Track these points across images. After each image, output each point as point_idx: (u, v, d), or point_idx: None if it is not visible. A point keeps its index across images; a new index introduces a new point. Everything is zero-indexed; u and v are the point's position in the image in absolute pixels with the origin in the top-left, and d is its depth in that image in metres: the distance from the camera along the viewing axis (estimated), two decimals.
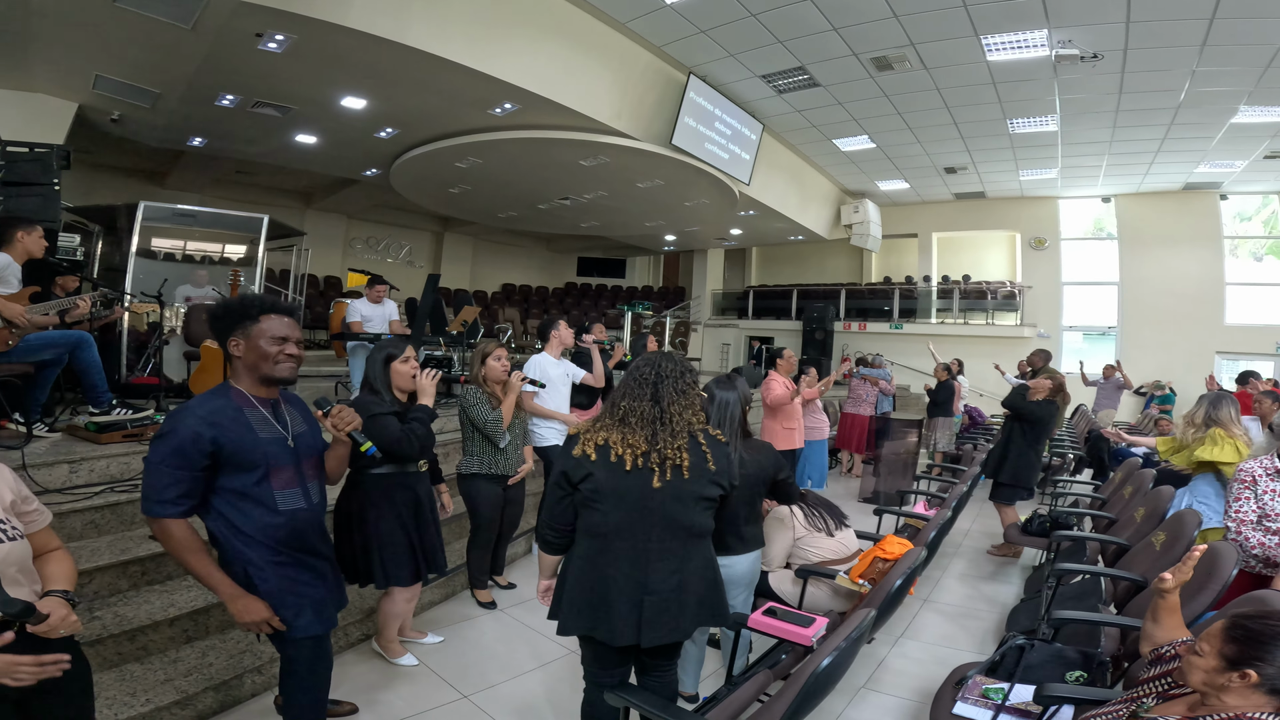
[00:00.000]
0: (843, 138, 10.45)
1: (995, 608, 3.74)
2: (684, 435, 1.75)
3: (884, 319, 14.18)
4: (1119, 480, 4.69)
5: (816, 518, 2.93)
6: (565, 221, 13.72)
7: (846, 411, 7.64)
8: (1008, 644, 2.17)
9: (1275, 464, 2.55)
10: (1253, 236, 12.12)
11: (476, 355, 3.25)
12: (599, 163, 9.15)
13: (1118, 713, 1.44)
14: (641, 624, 1.68)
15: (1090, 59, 7.01)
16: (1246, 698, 1.27)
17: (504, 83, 6.77)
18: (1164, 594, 1.71)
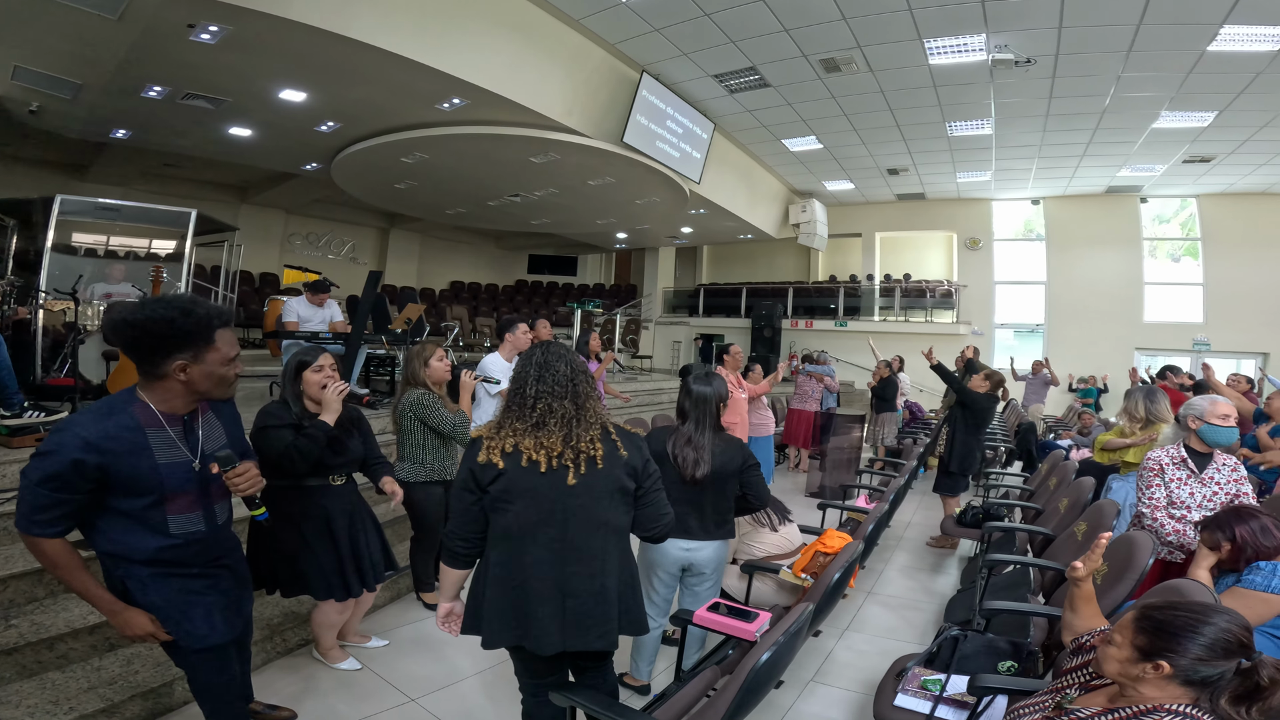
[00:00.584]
0: (792, 138, 10.66)
1: (935, 598, 3.88)
2: (596, 426, 1.71)
3: (830, 317, 14.57)
4: (1045, 472, 4.95)
5: (761, 513, 2.95)
6: (515, 218, 13.56)
7: (793, 408, 7.80)
8: (943, 635, 2.23)
9: (1181, 453, 2.72)
10: (1170, 238, 12.93)
11: (416, 358, 3.12)
12: (549, 160, 9.07)
13: (1044, 703, 1.45)
14: (565, 628, 1.62)
15: (1024, 63, 7.30)
16: (1163, 689, 1.28)
17: (452, 77, 6.63)
18: (1078, 582, 1.76)
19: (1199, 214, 12.33)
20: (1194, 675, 1.25)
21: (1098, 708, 1.32)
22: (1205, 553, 2.13)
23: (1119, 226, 12.68)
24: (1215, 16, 6.17)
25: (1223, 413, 2.67)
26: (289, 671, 2.67)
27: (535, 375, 1.73)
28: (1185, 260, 12.68)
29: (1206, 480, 2.66)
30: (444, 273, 16.78)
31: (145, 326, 1.49)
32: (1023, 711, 1.45)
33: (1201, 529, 2.20)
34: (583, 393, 1.73)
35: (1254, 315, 11.62)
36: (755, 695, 1.59)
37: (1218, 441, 2.68)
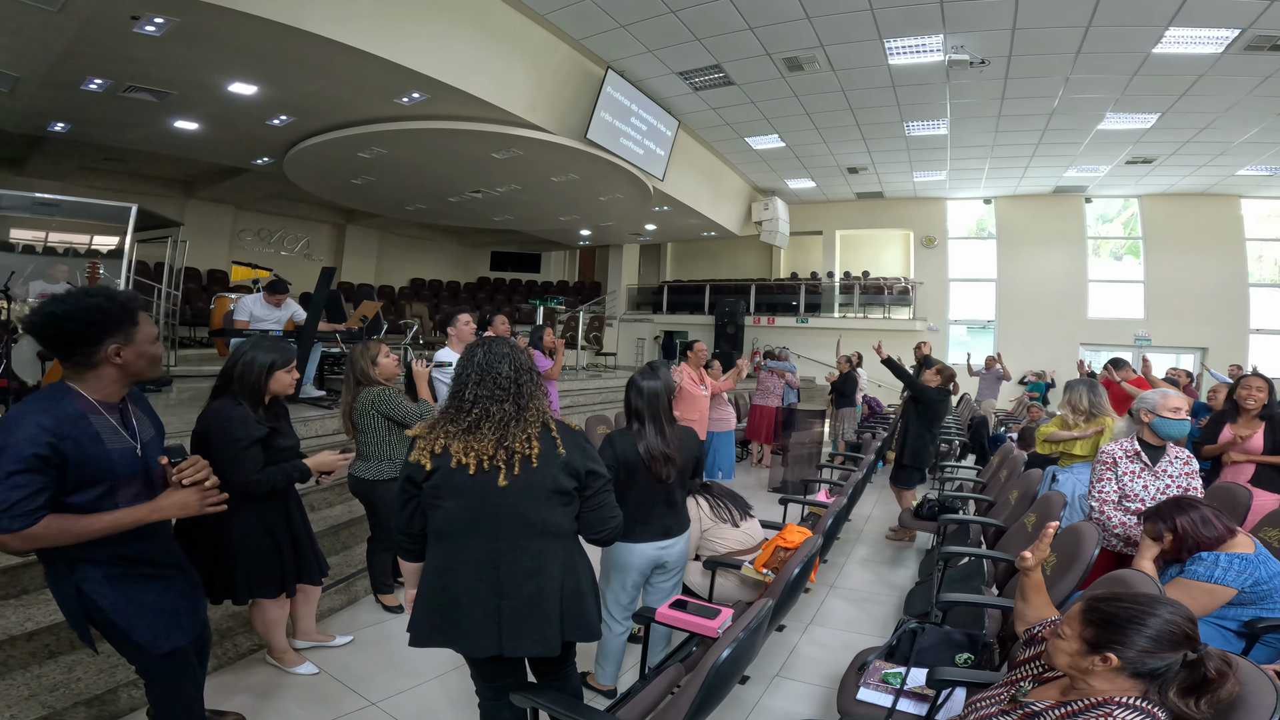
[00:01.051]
0: (755, 136, 10.77)
1: (895, 591, 3.97)
2: (536, 424, 1.66)
3: (791, 314, 14.77)
4: (996, 465, 5.11)
5: (722, 509, 2.97)
6: (477, 215, 13.37)
7: (755, 404, 7.90)
8: (902, 628, 2.26)
9: (1134, 446, 2.78)
10: (1113, 237, 13.48)
11: (362, 357, 3.07)
12: (512, 155, 8.97)
13: (999, 696, 1.44)
14: (502, 632, 1.57)
15: (979, 64, 7.49)
16: (1112, 681, 1.27)
17: (412, 71, 6.49)
18: (1027, 572, 1.78)
19: (1140, 214, 12.91)
20: (1142, 668, 1.24)
21: (1051, 701, 1.32)
22: (1148, 544, 2.17)
23: (1065, 225, 13.18)
24: (1161, 19, 6.39)
25: (1174, 405, 2.73)
26: (246, 676, 2.61)
27: (476, 378, 1.67)
28: (1127, 259, 13.24)
29: (1160, 473, 2.72)
30: (404, 270, 16.46)
31: (76, 316, 1.51)
32: (980, 704, 1.45)
33: (1144, 520, 2.23)
34: (526, 393, 1.68)
35: (1192, 311, 12.24)
36: (717, 692, 1.58)
37: (1170, 434, 2.74)
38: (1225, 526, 2.10)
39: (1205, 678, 1.22)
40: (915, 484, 5.15)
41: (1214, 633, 2.06)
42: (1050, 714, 1.27)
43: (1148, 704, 1.21)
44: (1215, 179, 11.39)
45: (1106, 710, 1.20)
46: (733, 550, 2.89)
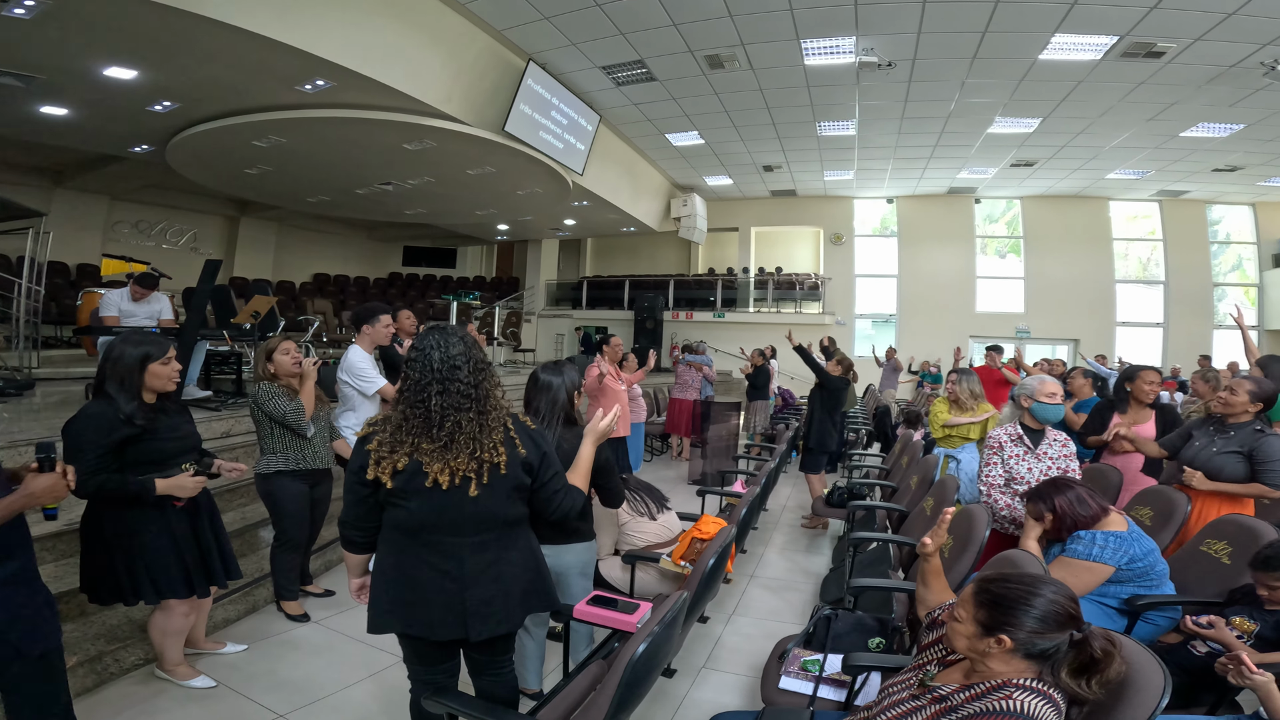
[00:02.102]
0: (675, 133, 10.90)
1: (812, 578, 4.11)
2: (499, 428, 1.64)
3: (709, 308, 15.06)
4: (898, 451, 5.42)
5: (639, 502, 2.97)
6: (387, 208, 12.81)
7: (674, 397, 8.00)
8: (817, 615, 2.31)
9: (1018, 431, 2.97)
10: (998, 236, 14.57)
11: (260, 354, 3.07)
12: (425, 147, 8.65)
13: (909, 680, 1.46)
14: (467, 619, 1.60)
15: (886, 66, 7.84)
16: (1008, 663, 1.28)
17: (318, 58, 6.10)
18: (927, 558, 1.84)
19: (1022, 214, 14.03)
20: (1033, 649, 1.26)
21: (955, 684, 1.34)
22: (1032, 524, 2.28)
23: (957, 225, 14.14)
24: (1050, 24, 6.83)
25: (1049, 391, 2.94)
26: (130, 692, 2.42)
27: (439, 388, 1.60)
28: (1010, 256, 14.36)
29: (1041, 455, 2.90)
30: (306, 264, 15.55)
31: None
32: (892, 690, 1.47)
33: (1026, 501, 2.34)
34: (484, 394, 1.65)
35: (1067, 306, 13.47)
36: (637, 687, 1.56)
37: (1047, 418, 2.94)
38: (1099, 505, 2.22)
39: (1092, 658, 1.25)
40: (821, 467, 5.41)
41: (1098, 611, 2.18)
42: (956, 697, 1.29)
43: (1042, 684, 1.24)
44: (1088, 182, 12.51)
45: (1006, 692, 1.22)
46: (651, 544, 2.90)
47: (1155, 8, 6.28)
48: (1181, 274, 13.35)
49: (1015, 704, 1.18)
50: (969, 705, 1.25)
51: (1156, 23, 6.58)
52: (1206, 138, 9.69)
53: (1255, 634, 1.92)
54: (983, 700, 1.23)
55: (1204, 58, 7.18)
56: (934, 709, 1.31)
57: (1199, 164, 11.00)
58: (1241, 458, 2.80)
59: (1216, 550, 2.44)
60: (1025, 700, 1.19)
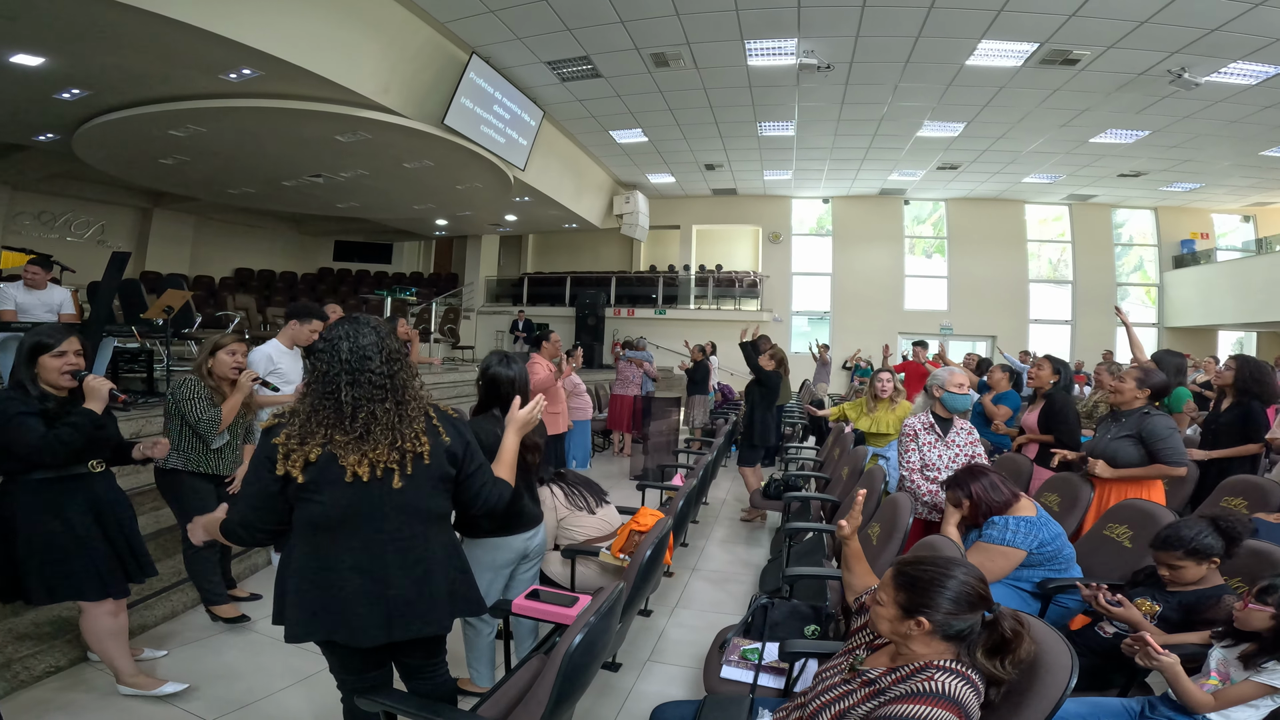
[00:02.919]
0: (619, 130, 10.92)
1: (751, 570, 4.22)
2: (420, 418, 1.58)
3: (650, 305, 15.19)
4: (830, 444, 5.63)
5: (577, 496, 2.96)
6: (318, 201, 12.32)
7: (615, 393, 8.03)
8: (754, 605, 2.35)
9: (929, 419, 3.14)
10: (925, 237, 15.25)
11: (206, 345, 2.91)
12: (359, 139, 8.37)
13: (840, 665, 1.49)
14: (390, 621, 1.52)
15: (825, 69, 8.05)
16: (929, 645, 1.32)
17: (245, 46, 5.81)
18: (846, 542, 1.91)
19: (947, 216, 14.74)
20: (950, 630, 1.30)
21: (883, 667, 1.38)
22: (951, 510, 2.41)
23: (887, 225, 14.75)
24: (977, 31, 7.14)
25: (958, 381, 3.12)
26: (40, 702, 2.31)
27: (349, 379, 1.53)
28: (935, 256, 15.07)
29: (950, 443, 3.07)
30: (227, 259, 14.76)
31: None
32: (825, 675, 1.51)
33: (946, 488, 2.47)
34: (401, 384, 1.58)
35: (986, 304, 14.26)
36: (576, 679, 1.53)
37: (956, 407, 3.13)
38: (1011, 491, 2.35)
39: (1004, 638, 1.30)
40: (757, 461, 5.50)
41: (1013, 595, 2.30)
42: (883, 680, 1.34)
43: (961, 666, 1.28)
44: (1006, 185, 13.25)
45: (928, 674, 1.26)
46: (591, 538, 2.89)
47: (1074, 15, 6.62)
48: (1088, 274, 14.33)
49: (937, 685, 1.23)
50: (895, 687, 1.29)
51: (1074, 30, 6.93)
52: (1114, 144, 10.40)
53: (1158, 615, 2.01)
54: (907, 682, 1.28)
55: (1115, 65, 7.64)
56: (864, 692, 1.35)
57: (1106, 169, 11.80)
58: (1134, 440, 3.00)
59: (1119, 534, 2.61)
60: (946, 681, 1.23)
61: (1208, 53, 7.10)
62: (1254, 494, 3.06)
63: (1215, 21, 6.52)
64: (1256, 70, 7.46)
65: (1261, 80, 7.65)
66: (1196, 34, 6.75)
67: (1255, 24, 6.48)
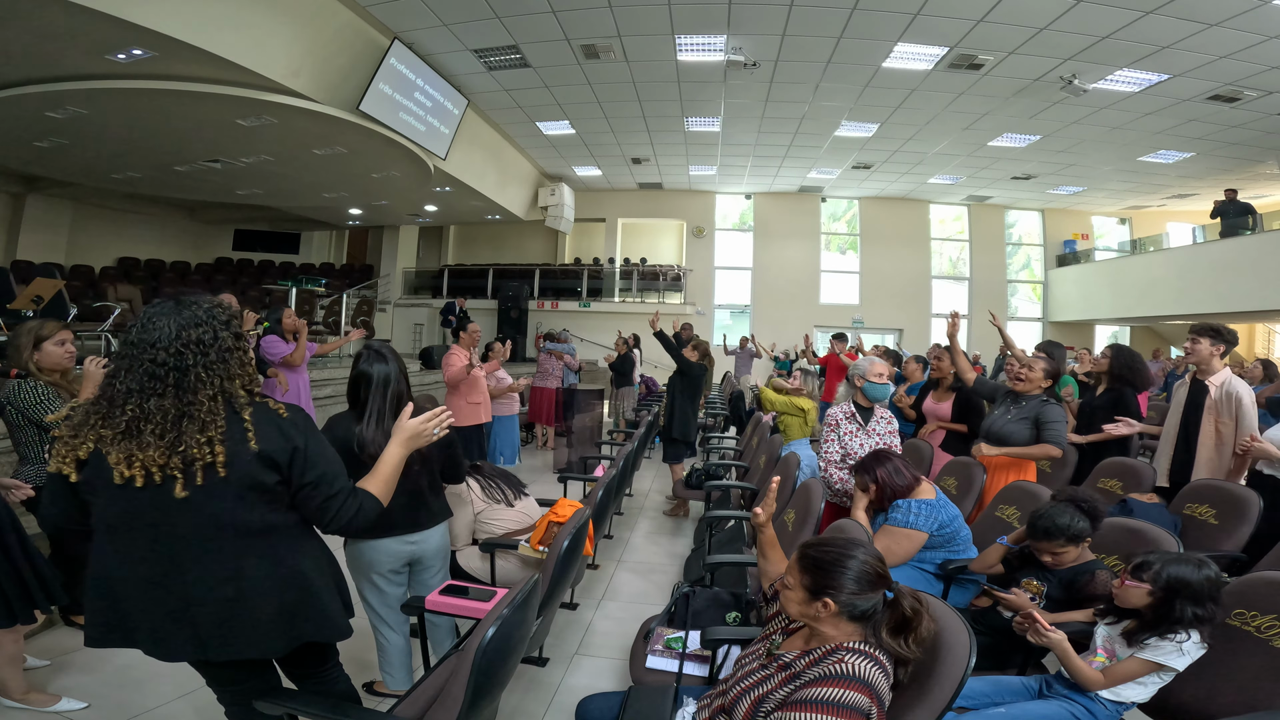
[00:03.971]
0: (546, 121, 10.76)
1: (677, 560, 4.29)
2: (217, 420, 1.37)
3: (574, 298, 15.09)
4: (750, 432, 5.78)
5: (494, 489, 2.91)
6: (214, 187, 11.49)
7: (535, 386, 7.95)
8: (676, 593, 2.38)
9: (851, 409, 3.25)
10: (840, 234, 15.89)
11: (26, 338, 2.56)
12: (263, 123, 7.86)
13: (758, 651, 1.52)
14: (203, 641, 1.37)
15: (751, 66, 8.16)
16: (837, 626, 1.35)
17: (135, 25, 5.32)
18: (761, 529, 1.94)
19: (860, 214, 15.42)
20: (855, 610, 1.34)
21: (797, 651, 1.41)
22: (860, 495, 2.51)
23: (805, 222, 15.27)
24: (894, 33, 7.35)
25: (878, 371, 3.23)
26: None
27: (126, 365, 1.35)
28: (849, 253, 15.75)
29: (871, 431, 3.18)
30: (110, 247, 13.55)
31: None
32: (745, 661, 1.53)
33: (853, 474, 2.57)
34: (194, 380, 1.36)
35: (894, 299, 15.04)
36: (492, 675, 1.47)
37: (876, 396, 3.24)
38: (913, 475, 2.46)
39: (905, 616, 1.34)
40: (684, 457, 5.49)
41: (919, 577, 2.40)
42: (798, 663, 1.37)
43: (868, 647, 1.32)
44: (913, 185, 13.96)
45: (839, 656, 1.30)
46: (510, 531, 2.85)
47: (982, 20, 6.96)
48: (983, 271, 15.36)
49: (847, 667, 1.27)
50: (809, 671, 1.32)
51: (981, 35, 7.28)
52: (1009, 147, 11.12)
53: (1044, 594, 2.11)
54: (820, 665, 1.31)
55: (1015, 71, 8.10)
56: (780, 676, 1.37)
57: (1001, 172, 12.62)
58: (1029, 423, 3.26)
59: (1008, 515, 2.82)
60: (855, 663, 1.27)
61: (1097, 60, 7.62)
62: (1128, 475, 3.37)
63: (1107, 29, 6.91)
64: (1139, 78, 8.04)
65: (1143, 88, 8.28)
66: (1089, 41, 7.20)
67: (1142, 32, 6.88)
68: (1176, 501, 2.99)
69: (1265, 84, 7.85)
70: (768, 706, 1.33)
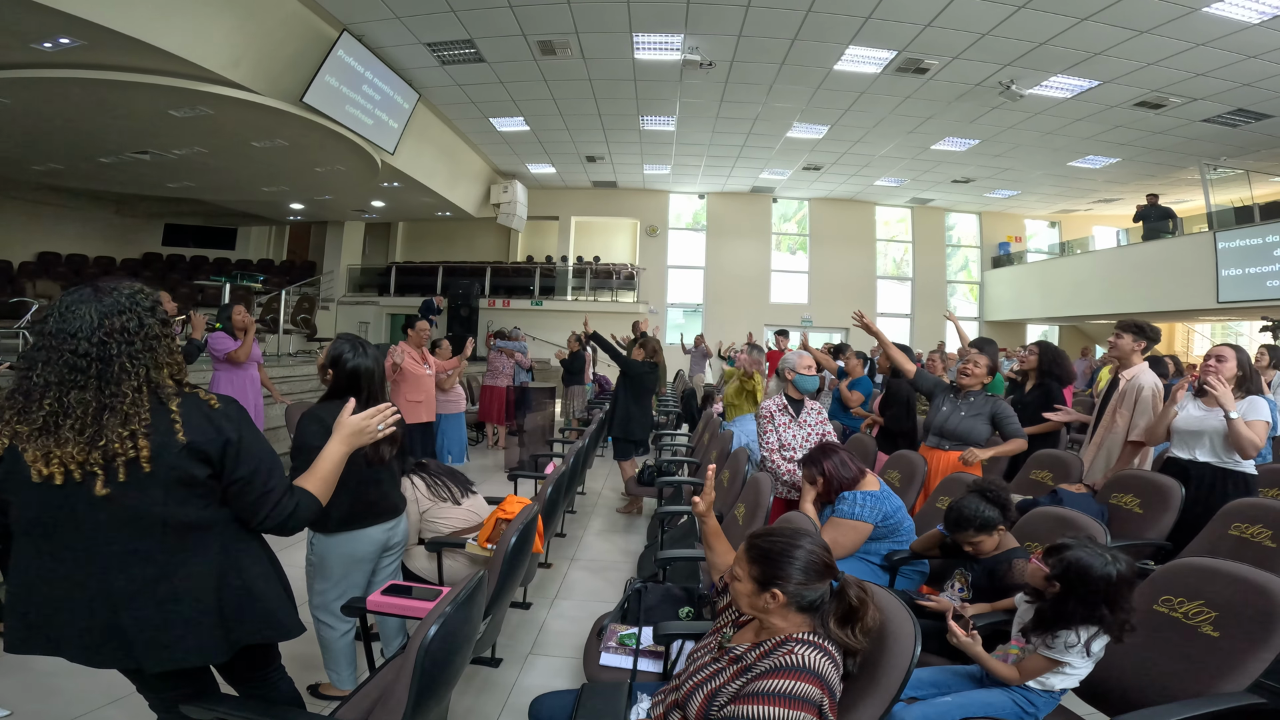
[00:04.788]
0: (500, 117, 10.61)
1: (631, 557, 4.30)
2: (143, 412, 1.30)
3: (526, 296, 14.95)
4: (701, 429, 5.83)
5: (440, 487, 2.86)
6: (143, 180, 10.92)
7: (485, 384, 7.85)
8: (629, 590, 2.37)
9: (783, 401, 3.32)
10: (790, 234, 16.19)
11: None
12: (198, 114, 7.52)
13: (710, 644, 1.52)
14: (133, 645, 1.30)
15: (707, 66, 8.21)
16: (786, 618, 1.35)
17: (63, 13, 5.04)
18: (702, 519, 1.94)
19: (809, 214, 15.74)
20: (803, 601, 1.34)
21: (748, 643, 1.41)
22: (808, 487, 2.56)
23: (757, 222, 15.51)
24: (846, 36, 7.45)
25: (806, 364, 3.35)
26: None
27: (44, 356, 1.28)
28: (799, 253, 16.07)
29: (803, 423, 3.26)
30: (29, 241, 12.77)
31: None
32: (697, 655, 1.53)
33: (802, 466, 2.61)
34: (119, 371, 1.29)
35: (841, 298, 15.33)
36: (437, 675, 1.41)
37: (806, 388, 3.34)
38: (858, 468, 2.53)
39: (851, 606, 1.35)
40: (631, 455, 5.37)
41: (865, 568, 2.44)
42: (749, 655, 1.37)
43: (817, 638, 1.32)
44: (860, 187, 14.32)
45: (789, 648, 1.31)
46: (457, 529, 2.80)
47: (929, 25, 7.15)
48: (925, 272, 15.91)
49: (797, 658, 1.27)
50: (761, 663, 1.32)
51: (928, 40, 7.46)
52: (950, 151, 11.51)
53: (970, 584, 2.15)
54: (770, 657, 1.32)
55: (958, 75, 8.36)
56: (732, 669, 1.38)
57: (943, 175, 13.06)
58: (985, 419, 3.40)
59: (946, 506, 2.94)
60: (805, 654, 1.28)
61: (1034, 66, 7.93)
62: (1057, 467, 3.54)
63: (1045, 35, 7.13)
64: (1072, 84, 8.41)
65: (1075, 94, 8.66)
66: (1027, 47, 7.47)
67: (1077, 38, 7.13)
68: (1103, 491, 3.14)
69: (1188, 91, 8.29)
70: (721, 700, 1.33)
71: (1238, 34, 6.80)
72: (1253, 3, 6.30)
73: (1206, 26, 6.71)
